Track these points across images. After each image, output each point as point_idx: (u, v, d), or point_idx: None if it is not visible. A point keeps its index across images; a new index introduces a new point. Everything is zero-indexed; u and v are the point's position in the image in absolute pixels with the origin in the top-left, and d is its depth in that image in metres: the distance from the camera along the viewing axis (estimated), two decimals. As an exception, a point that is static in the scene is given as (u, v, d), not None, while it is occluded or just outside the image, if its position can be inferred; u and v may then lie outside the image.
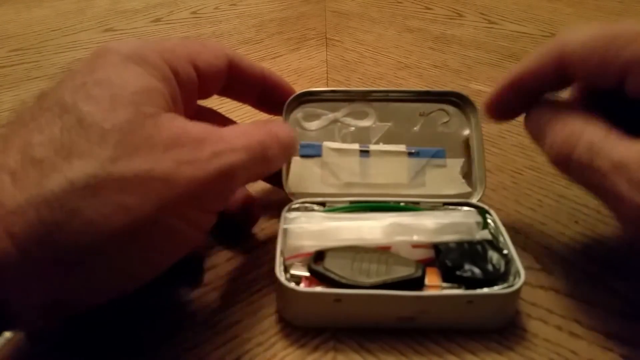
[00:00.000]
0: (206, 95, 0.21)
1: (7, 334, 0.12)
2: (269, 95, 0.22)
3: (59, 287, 0.13)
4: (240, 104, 0.24)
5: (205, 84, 0.19)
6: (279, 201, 0.22)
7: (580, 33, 0.17)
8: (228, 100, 0.23)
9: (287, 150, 0.19)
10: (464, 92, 0.23)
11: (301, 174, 0.22)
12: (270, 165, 0.18)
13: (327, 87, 0.36)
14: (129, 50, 0.16)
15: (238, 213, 0.21)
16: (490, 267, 0.18)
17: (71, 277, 0.13)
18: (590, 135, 0.16)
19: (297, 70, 0.39)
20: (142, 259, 0.14)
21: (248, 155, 0.16)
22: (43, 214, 0.12)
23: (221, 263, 0.21)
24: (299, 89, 0.23)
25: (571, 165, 0.17)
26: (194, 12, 0.53)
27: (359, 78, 0.38)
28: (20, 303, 0.13)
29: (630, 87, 0.16)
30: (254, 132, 0.17)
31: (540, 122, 0.18)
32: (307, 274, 0.17)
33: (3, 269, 0.12)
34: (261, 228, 0.22)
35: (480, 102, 0.21)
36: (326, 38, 0.46)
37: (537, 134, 0.19)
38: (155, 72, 0.16)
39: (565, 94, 0.19)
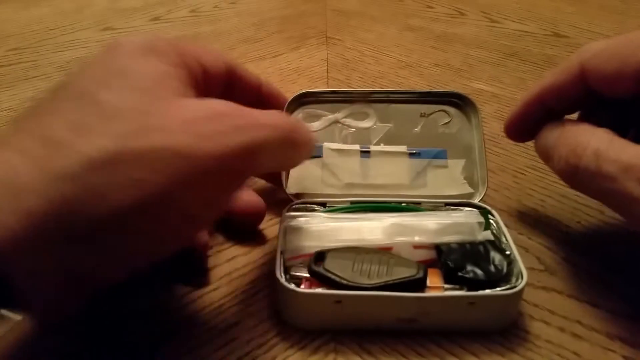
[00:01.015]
0: (209, 96, 0.21)
1: (13, 317, 0.12)
2: (264, 106, 0.22)
3: (72, 262, 0.13)
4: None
5: (209, 84, 0.19)
6: (279, 201, 0.22)
7: (597, 43, 0.18)
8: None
9: (311, 145, 0.18)
10: (465, 92, 0.23)
11: (301, 174, 0.22)
12: (296, 155, 0.18)
13: (328, 86, 0.36)
14: (141, 42, 0.16)
15: (241, 215, 0.20)
16: (492, 268, 0.18)
17: (85, 252, 0.13)
18: (596, 143, 0.17)
19: (297, 69, 0.39)
20: (155, 236, 0.14)
21: (276, 133, 0.15)
22: (61, 190, 0.12)
23: (221, 264, 0.20)
24: (299, 88, 0.23)
25: (579, 175, 0.17)
26: (193, 11, 0.53)
27: (359, 77, 0.37)
28: (30, 280, 0.12)
29: None
30: (282, 115, 0.17)
31: (549, 141, 0.19)
32: (307, 275, 0.17)
33: (4, 243, 0.12)
34: (261, 228, 0.22)
35: (481, 101, 0.21)
36: (327, 37, 0.45)
37: (546, 153, 0.19)
38: (168, 60, 0.16)
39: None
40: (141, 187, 0.13)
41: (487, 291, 0.17)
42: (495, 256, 0.18)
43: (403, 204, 0.21)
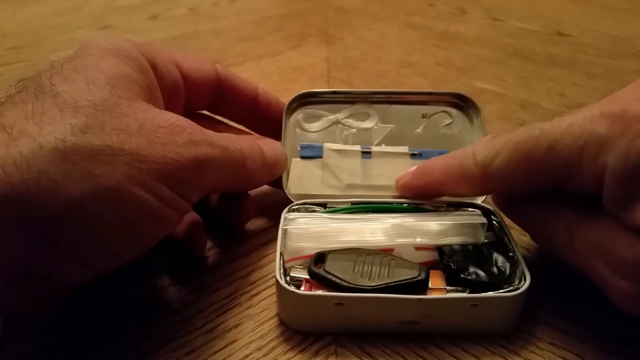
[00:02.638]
0: (197, 104, 0.21)
1: None
2: (261, 114, 0.22)
3: (26, 253, 0.13)
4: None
5: (193, 90, 0.20)
6: (279, 202, 0.21)
7: (497, 156, 0.16)
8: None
9: (270, 169, 0.20)
10: (468, 91, 0.23)
11: (302, 175, 0.22)
12: (251, 177, 0.19)
13: (328, 85, 0.36)
14: (107, 43, 0.17)
15: (184, 237, 0.20)
16: (495, 269, 0.17)
17: (40, 245, 0.13)
18: (566, 215, 0.16)
19: (297, 68, 0.38)
20: (114, 232, 0.14)
21: (224, 155, 0.16)
22: (9, 174, 0.12)
23: (220, 265, 0.20)
24: (299, 87, 0.23)
25: (554, 247, 0.16)
26: (191, 9, 0.52)
27: (360, 76, 0.37)
28: None
29: (567, 187, 0.16)
30: (237, 140, 0.18)
31: (513, 202, 0.18)
32: (307, 276, 0.17)
33: None
34: (261, 229, 0.22)
35: (484, 100, 0.21)
36: (327, 35, 0.45)
37: (512, 215, 0.18)
38: (131, 63, 0.16)
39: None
40: (95, 180, 0.13)
41: (490, 293, 0.16)
42: (498, 258, 0.18)
43: (405, 205, 0.21)
